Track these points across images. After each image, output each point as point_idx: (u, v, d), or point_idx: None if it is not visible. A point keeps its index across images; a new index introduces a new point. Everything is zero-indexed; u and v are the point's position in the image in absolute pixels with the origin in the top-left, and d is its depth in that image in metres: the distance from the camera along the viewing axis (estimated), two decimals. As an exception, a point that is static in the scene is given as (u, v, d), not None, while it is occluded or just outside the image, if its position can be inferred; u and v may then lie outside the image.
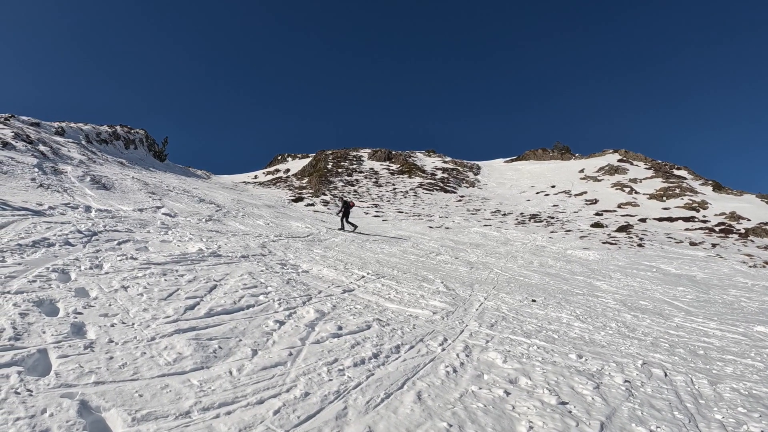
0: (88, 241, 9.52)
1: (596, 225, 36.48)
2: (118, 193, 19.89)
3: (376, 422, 4.21)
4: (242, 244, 12.86)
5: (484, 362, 6.24)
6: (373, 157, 75.38)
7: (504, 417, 4.63)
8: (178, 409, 3.92)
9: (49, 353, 4.51)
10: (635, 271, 19.37)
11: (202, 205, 22.28)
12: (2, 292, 5.89)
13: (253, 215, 22.54)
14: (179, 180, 33.31)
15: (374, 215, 37.46)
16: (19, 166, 18.77)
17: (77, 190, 18.02)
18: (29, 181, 16.93)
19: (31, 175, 18.02)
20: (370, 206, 43.06)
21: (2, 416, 3.41)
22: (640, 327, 9.77)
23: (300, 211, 31.78)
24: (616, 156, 73.05)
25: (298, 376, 4.94)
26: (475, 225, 34.87)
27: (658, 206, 45.51)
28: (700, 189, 52.40)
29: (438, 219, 37.29)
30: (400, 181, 60.71)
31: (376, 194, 51.80)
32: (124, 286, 7.00)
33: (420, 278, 12.23)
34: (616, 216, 41.32)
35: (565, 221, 38.57)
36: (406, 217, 37.23)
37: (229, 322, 6.21)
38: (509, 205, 48.19)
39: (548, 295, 12.21)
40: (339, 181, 57.71)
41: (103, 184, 20.60)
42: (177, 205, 19.89)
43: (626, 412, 5.08)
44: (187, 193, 25.52)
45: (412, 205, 46.22)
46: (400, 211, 41.38)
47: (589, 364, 6.69)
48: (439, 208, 45.18)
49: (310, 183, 55.75)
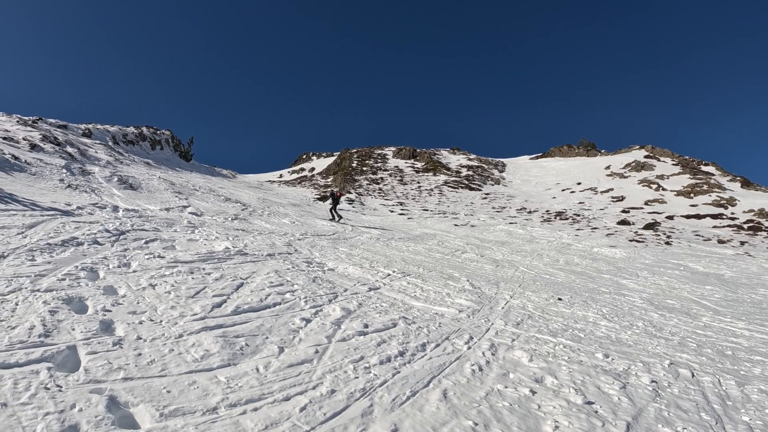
0: (116, 240, 9.62)
1: (623, 222, 36.18)
2: (145, 192, 20.06)
3: (402, 420, 4.21)
4: (268, 243, 12.91)
5: (509, 361, 6.22)
6: (398, 155, 75.30)
7: (529, 416, 4.61)
8: (205, 405, 3.96)
9: (78, 350, 4.57)
10: (662, 270, 19.17)
11: (227, 204, 22.40)
12: (32, 290, 5.97)
13: (279, 214, 22.61)
14: (205, 179, 33.50)
15: (399, 213, 37.45)
16: (47, 168, 18.97)
17: (105, 190, 18.19)
18: (57, 181, 17.10)
19: (59, 176, 18.20)
20: (395, 204, 43.03)
21: (32, 411, 3.46)
22: (667, 326, 9.67)
23: (325, 210, 31.85)
24: (643, 152, 72.27)
25: (325, 373, 4.96)
26: (500, 223, 34.75)
27: (685, 203, 45.01)
28: (728, 185, 51.78)
29: (463, 217, 37.18)
30: (425, 179, 60.60)
31: (401, 192, 51.75)
32: (151, 284, 7.07)
33: (445, 276, 12.20)
34: (643, 213, 40.91)
35: (591, 219, 38.30)
36: (431, 215, 37.16)
37: (255, 320, 6.25)
38: (535, 203, 47.94)
39: (574, 294, 12.12)
40: (364, 180, 57.72)
41: (130, 184, 20.77)
42: (203, 205, 20.01)
43: (653, 413, 5.04)
44: (213, 192, 25.67)
45: (437, 202, 46.11)
46: (425, 209, 41.32)
47: (616, 363, 6.64)
48: (464, 205, 45.04)
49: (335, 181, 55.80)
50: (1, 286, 5.90)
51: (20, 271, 6.59)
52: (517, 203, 47.57)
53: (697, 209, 41.88)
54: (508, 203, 47.50)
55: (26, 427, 3.29)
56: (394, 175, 62.67)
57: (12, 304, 5.39)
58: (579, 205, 45.98)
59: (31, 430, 3.28)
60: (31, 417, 3.39)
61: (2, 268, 6.60)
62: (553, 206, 45.59)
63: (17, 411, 3.43)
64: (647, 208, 43.70)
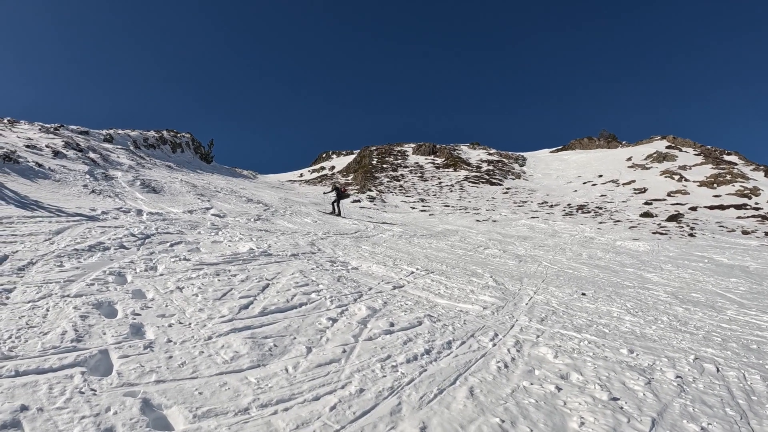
0: (142, 244, 9.71)
1: (646, 215, 35.86)
2: (168, 195, 20.19)
3: (430, 418, 4.24)
4: (291, 243, 12.97)
5: (535, 357, 6.23)
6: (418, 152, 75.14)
7: (555, 413, 4.62)
8: (237, 405, 4.01)
9: (110, 354, 4.64)
10: (686, 262, 18.98)
11: (250, 204, 22.48)
12: (62, 295, 6.06)
13: (301, 213, 22.67)
14: (226, 181, 33.65)
15: (420, 210, 37.38)
16: (71, 174, 19.14)
17: (128, 194, 18.33)
18: (81, 187, 17.26)
19: (83, 181, 18.36)
20: (416, 201, 42.94)
21: (68, 415, 3.52)
22: (692, 320, 9.59)
23: (347, 208, 31.88)
24: (664, 143, 71.52)
25: (353, 372, 5.00)
26: (522, 217, 34.59)
27: (708, 194, 44.49)
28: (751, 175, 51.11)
29: (485, 212, 37.06)
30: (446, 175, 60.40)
31: (422, 189, 51.65)
32: (179, 287, 7.15)
33: (469, 273, 12.19)
34: (665, 205, 40.49)
35: (613, 211, 37.99)
36: (452, 211, 37.07)
37: (282, 321, 6.30)
38: (556, 196, 47.67)
39: (598, 288, 12.06)
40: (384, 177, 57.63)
41: (152, 187, 20.92)
42: (226, 206, 20.10)
43: (677, 409, 5.02)
44: (235, 193, 25.78)
45: (458, 198, 45.98)
46: (446, 204, 41.21)
47: (641, 359, 6.61)
48: (485, 200, 44.88)
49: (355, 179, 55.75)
50: (32, 293, 6.00)
51: (49, 277, 6.68)
52: (539, 197, 47.31)
53: (720, 200, 41.38)
54: (530, 197, 47.27)
55: (62, 431, 3.35)
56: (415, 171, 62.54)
57: (43, 310, 5.47)
58: (601, 198, 45.60)
59: (67, 433, 3.34)
60: (67, 421, 3.45)
61: (32, 275, 6.70)
62: (574, 199, 45.29)
63: (53, 415, 3.50)
64: (670, 199, 43.24)
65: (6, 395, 3.67)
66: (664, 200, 42.70)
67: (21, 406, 3.53)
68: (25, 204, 11.93)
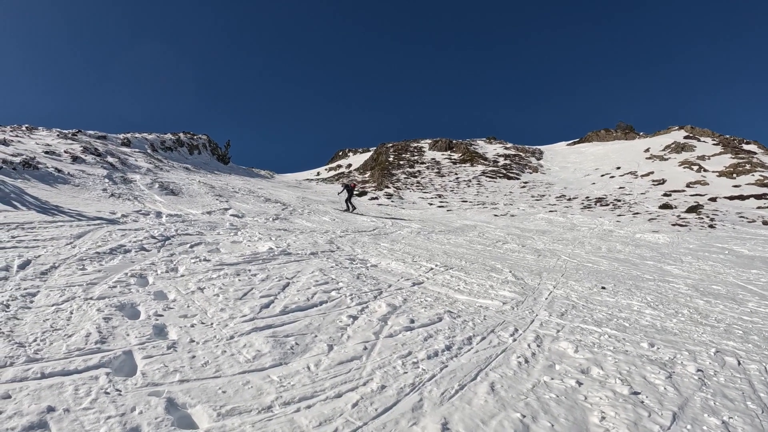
0: (162, 246, 9.77)
1: (665, 206, 35.64)
2: (186, 197, 20.29)
3: (452, 413, 4.26)
4: (310, 241, 13.02)
5: (555, 352, 6.22)
6: (434, 148, 75.02)
7: (576, 407, 4.62)
8: (260, 404, 4.04)
9: (134, 354, 4.69)
10: (707, 254, 18.85)
11: (268, 204, 22.54)
12: (85, 298, 6.12)
13: (319, 212, 22.71)
14: (244, 181, 33.75)
15: (438, 206, 37.37)
16: (90, 178, 19.26)
17: (147, 197, 18.43)
18: (101, 191, 17.36)
19: (102, 185, 18.48)
20: (433, 197, 42.91)
21: (94, 415, 3.57)
22: (712, 313, 9.51)
23: (364, 205, 31.89)
24: (682, 133, 70.96)
25: (374, 369, 5.02)
26: (540, 211, 34.50)
27: (728, 184, 44.06)
28: (771, 163, 50.74)
29: (502, 207, 36.98)
30: (463, 170, 60.32)
31: (440, 184, 51.60)
32: (200, 287, 7.20)
33: (488, 268, 12.18)
34: (684, 196, 40.18)
35: (632, 203, 37.80)
36: (470, 206, 37.02)
37: (303, 319, 6.34)
38: (574, 189, 47.48)
39: (618, 282, 12.00)
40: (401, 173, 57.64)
41: (171, 189, 21.02)
42: (244, 206, 20.17)
43: (699, 402, 4.99)
44: (253, 193, 25.85)
45: (475, 193, 45.89)
46: (464, 200, 41.16)
47: (661, 352, 6.57)
48: (503, 195, 44.78)
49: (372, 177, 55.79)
50: (55, 296, 6.05)
51: (72, 281, 6.74)
52: (556, 191, 47.16)
53: (740, 190, 40.97)
54: (547, 191, 47.11)
55: (89, 431, 3.39)
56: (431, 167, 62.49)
57: (67, 313, 5.53)
58: (619, 190, 45.37)
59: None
60: (93, 421, 3.50)
61: (55, 278, 6.76)
62: (592, 192, 45.11)
63: (80, 416, 3.54)
64: (689, 190, 42.89)
65: (32, 397, 3.72)
66: (683, 191, 42.38)
67: (47, 408, 3.57)
68: (45, 209, 12.03)
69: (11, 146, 21.40)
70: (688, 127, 72.57)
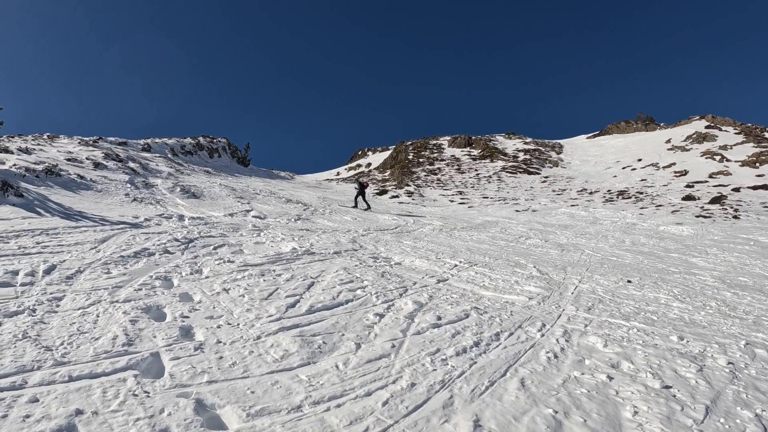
0: (186, 248, 9.80)
1: (688, 198, 35.31)
2: (208, 200, 20.37)
3: (483, 410, 4.20)
4: (333, 241, 13.01)
5: (584, 347, 6.14)
6: (453, 144, 74.80)
7: (608, 402, 4.55)
8: (290, 403, 4.01)
9: (161, 356, 4.68)
10: (732, 245, 18.64)
11: (289, 205, 22.60)
12: (111, 301, 6.13)
13: (340, 211, 22.74)
14: (264, 183, 33.85)
15: (459, 202, 37.27)
16: (112, 184, 19.40)
17: (169, 200, 18.52)
18: (123, 196, 17.49)
19: (124, 190, 18.61)
20: (454, 194, 42.77)
21: (123, 417, 3.55)
22: (740, 305, 9.37)
23: (385, 204, 31.91)
24: (703, 122, 70.12)
25: (403, 367, 4.98)
26: (561, 206, 34.33)
27: (751, 173, 43.42)
28: (796, 151, 50.13)
29: (524, 202, 36.83)
30: (483, 166, 60.05)
31: (460, 181, 51.44)
32: (225, 288, 7.21)
33: (512, 264, 12.11)
34: (707, 187, 39.71)
35: (654, 196, 37.50)
36: (491, 202, 36.90)
37: (330, 318, 6.32)
38: (595, 183, 47.19)
39: (643, 275, 11.87)
40: (421, 171, 57.43)
41: (192, 193, 21.12)
42: (265, 207, 20.23)
43: (731, 395, 4.90)
44: (274, 194, 25.92)
45: (496, 189, 45.72)
46: (484, 196, 41.00)
47: (691, 346, 6.47)
48: (524, 190, 44.58)
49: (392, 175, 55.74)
50: (81, 300, 6.07)
51: (98, 284, 6.76)
52: (578, 184, 46.88)
53: (764, 179, 40.37)
54: (568, 185, 46.85)
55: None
56: (451, 164, 62.29)
57: (93, 316, 5.53)
58: (641, 183, 45.01)
59: (123, 436, 3.36)
60: (122, 423, 3.48)
61: (80, 282, 6.79)
62: (614, 185, 44.78)
63: (108, 418, 3.52)
64: (712, 181, 42.38)
65: (60, 400, 3.71)
66: (706, 182, 41.90)
67: (76, 410, 3.56)
68: (69, 215, 12.11)
69: (33, 154, 21.63)
70: (709, 117, 71.79)
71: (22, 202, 12.37)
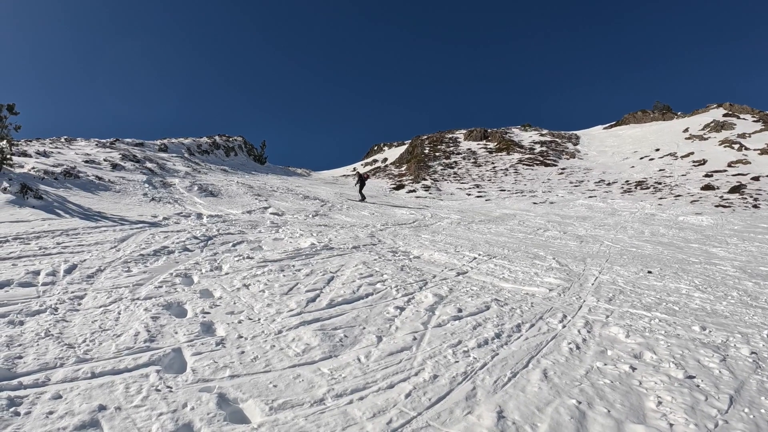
0: (205, 246, 9.83)
1: (707, 187, 34.98)
2: (226, 198, 20.42)
3: (506, 401, 4.18)
4: (351, 236, 13.02)
5: (606, 338, 6.10)
6: (469, 138, 74.54)
7: (632, 393, 4.51)
8: (312, 397, 4.01)
9: (183, 352, 4.70)
10: (752, 235, 18.47)
11: (306, 201, 22.62)
12: (132, 298, 6.16)
13: (358, 206, 22.77)
14: (281, 180, 33.90)
15: (476, 196, 37.16)
16: (130, 184, 19.51)
17: (187, 199, 18.58)
18: (141, 196, 17.57)
19: (142, 190, 18.69)
20: (471, 187, 42.62)
21: (146, 413, 3.58)
22: (762, 295, 9.25)
23: (402, 198, 31.91)
24: (721, 111, 69.44)
25: (425, 359, 4.97)
26: (579, 197, 34.15)
27: (770, 161, 43.19)
28: (816, 138, 49.57)
29: (541, 194, 36.67)
30: (499, 159, 59.79)
31: (477, 174, 51.29)
32: (245, 284, 7.23)
33: (531, 256, 12.07)
34: (726, 176, 39.28)
35: (673, 186, 37.19)
36: (508, 195, 36.76)
37: (351, 311, 6.33)
38: (613, 174, 46.88)
39: (664, 266, 11.77)
40: (437, 165, 57.27)
41: (210, 191, 21.19)
42: (283, 204, 20.26)
43: (754, 385, 4.83)
44: (291, 191, 25.96)
45: (513, 182, 45.52)
46: (502, 189, 40.84)
47: (714, 335, 6.41)
48: (541, 182, 44.36)
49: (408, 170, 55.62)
50: (103, 298, 6.11)
51: (118, 282, 6.81)
52: (595, 176, 46.59)
53: (783, 167, 40.15)
54: (586, 176, 46.57)
55: (141, 428, 3.41)
56: (468, 157, 62.08)
57: (115, 314, 5.57)
58: (659, 173, 44.64)
59: (146, 430, 3.38)
60: (145, 418, 3.50)
61: (101, 281, 6.83)
62: (632, 176, 44.46)
63: (131, 413, 3.54)
64: (731, 170, 41.93)
65: (83, 396, 3.73)
66: (725, 171, 41.49)
67: (99, 406, 3.58)
68: (88, 216, 12.18)
69: (51, 157, 21.77)
70: (727, 105, 71.10)
71: (42, 204, 12.44)
